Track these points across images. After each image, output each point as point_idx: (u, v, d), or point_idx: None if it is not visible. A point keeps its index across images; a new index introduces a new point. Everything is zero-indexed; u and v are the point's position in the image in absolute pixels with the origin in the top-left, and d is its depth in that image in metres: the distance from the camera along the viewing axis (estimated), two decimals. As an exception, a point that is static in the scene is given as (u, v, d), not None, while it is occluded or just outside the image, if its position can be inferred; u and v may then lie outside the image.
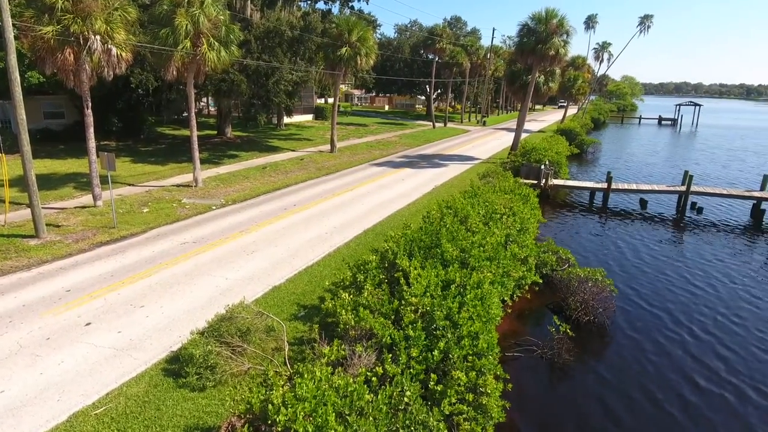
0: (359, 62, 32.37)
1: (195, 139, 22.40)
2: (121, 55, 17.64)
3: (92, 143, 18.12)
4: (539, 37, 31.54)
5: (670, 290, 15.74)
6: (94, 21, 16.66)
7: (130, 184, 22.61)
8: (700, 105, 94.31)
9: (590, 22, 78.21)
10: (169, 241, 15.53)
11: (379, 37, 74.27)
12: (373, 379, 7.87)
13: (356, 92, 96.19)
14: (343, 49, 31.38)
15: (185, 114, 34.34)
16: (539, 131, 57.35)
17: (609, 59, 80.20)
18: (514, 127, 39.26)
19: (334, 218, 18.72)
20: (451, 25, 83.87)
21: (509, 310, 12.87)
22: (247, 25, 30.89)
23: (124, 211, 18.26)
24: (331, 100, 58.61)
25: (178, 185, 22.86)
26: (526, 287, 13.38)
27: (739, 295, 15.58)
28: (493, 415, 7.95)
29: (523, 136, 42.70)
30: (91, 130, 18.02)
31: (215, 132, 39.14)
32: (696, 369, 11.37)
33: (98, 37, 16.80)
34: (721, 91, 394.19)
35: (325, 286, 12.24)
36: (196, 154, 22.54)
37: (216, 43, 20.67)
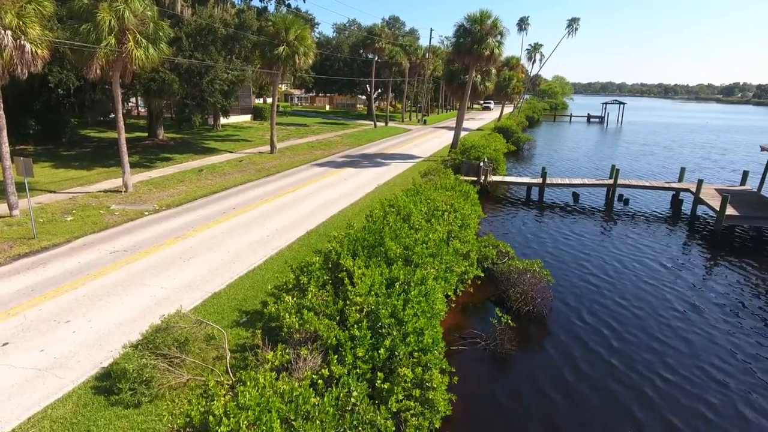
0: (298, 61, 31.91)
1: (123, 141, 21.16)
2: (36, 52, 16.31)
3: (5, 148, 16.65)
4: (475, 38, 32.41)
5: (602, 277, 16.66)
6: (4, 15, 15.31)
7: (51, 191, 21.00)
8: (624, 103, 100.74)
9: (523, 24, 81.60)
10: (97, 250, 14.56)
11: (318, 36, 73.66)
12: (319, 381, 7.75)
13: (296, 92, 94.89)
14: (281, 48, 30.80)
15: (112, 115, 32.43)
16: (478, 129, 59.05)
17: (541, 60, 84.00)
18: (454, 125, 40.15)
19: (276, 220, 18.32)
20: (390, 25, 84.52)
21: (453, 305, 13.15)
22: (178, 22, 29.58)
23: (45, 221, 16.94)
24: (269, 100, 57.46)
25: (106, 191, 21.52)
26: (469, 281, 13.69)
27: (663, 277, 16.74)
28: (439, 408, 8.08)
29: (463, 134, 43.76)
30: (4, 133, 16.55)
31: (146, 134, 37.22)
32: (627, 350, 12.09)
33: (9, 32, 15.45)
34: (642, 90, 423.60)
35: (268, 290, 11.91)
36: (125, 158, 21.30)
37: (144, 41, 19.61)
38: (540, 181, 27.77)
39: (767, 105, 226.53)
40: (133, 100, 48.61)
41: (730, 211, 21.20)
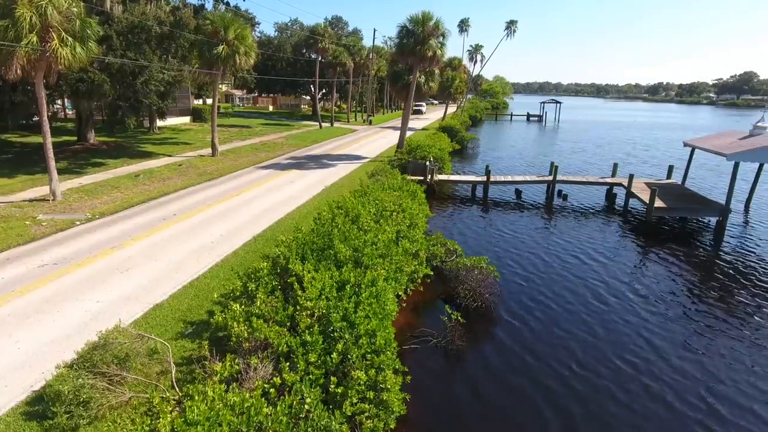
0: (238, 61, 31.02)
1: (50, 146, 19.74)
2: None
3: None
4: (418, 39, 32.83)
5: (545, 269, 17.36)
6: None
7: (-33, 202, 19.30)
8: (560, 102, 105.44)
9: (463, 26, 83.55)
10: (23, 264, 13.51)
11: (259, 35, 72.05)
12: (271, 390, 7.59)
13: (237, 92, 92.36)
14: (220, 48, 29.84)
15: (36, 118, 30.19)
16: (423, 129, 59.87)
17: (482, 60, 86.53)
18: (399, 125, 40.49)
19: (221, 226, 17.75)
20: (333, 25, 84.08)
21: (404, 304, 13.25)
22: (108, 19, 27.98)
23: (-38, 234, 15.53)
24: (210, 101, 55.50)
25: (31, 200, 20.01)
26: (419, 280, 13.86)
27: (602, 267, 17.68)
28: (394, 409, 8.11)
29: (408, 133, 44.25)
30: None
31: (75, 138, 34.93)
32: (571, 338, 12.66)
33: None
34: (577, 90, 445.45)
35: (214, 298, 11.54)
36: (52, 164, 19.88)
37: (70, 39, 18.37)
38: (484, 178, 28.55)
39: (687, 103, 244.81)
40: (59, 101, 45.47)
41: (658, 203, 22.71)
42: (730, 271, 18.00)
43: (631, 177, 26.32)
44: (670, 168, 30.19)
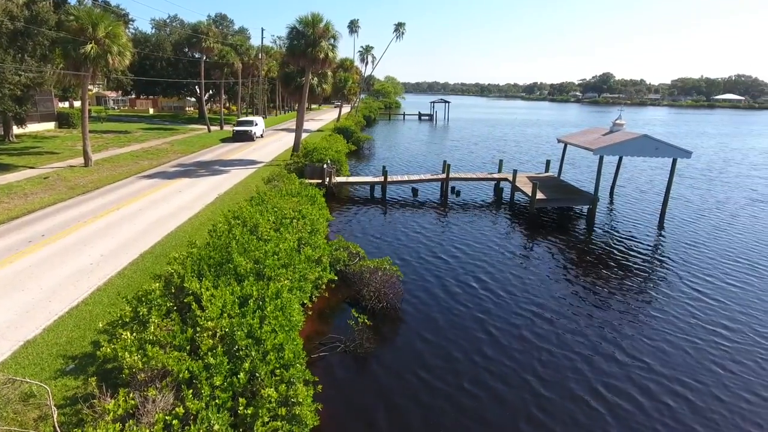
0: (111, 61, 28.33)
1: None
2: None
3: None
4: (308, 41, 32.48)
5: (443, 264, 18.19)
6: None
7: None
8: (449, 102, 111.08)
9: (353, 27, 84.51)
10: None
11: (133, 32, 66.53)
12: (174, 422, 7.08)
13: (111, 95, 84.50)
14: (89, 46, 27.01)
15: None
16: (318, 130, 59.52)
17: (373, 61, 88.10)
18: (294, 127, 39.85)
19: (101, 245, 16.10)
20: (217, 23, 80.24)
21: (310, 312, 13.07)
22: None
23: None
24: (78, 104, 50.02)
25: None
26: (323, 286, 13.75)
27: (494, 258, 18.96)
28: (307, 422, 7.98)
29: (304, 136, 43.72)
30: None
31: None
32: (472, 328, 13.43)
33: None
34: (463, 90, 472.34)
35: (99, 327, 10.43)
36: None
37: None
38: (382, 179, 29.15)
39: (557, 101, 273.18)
40: None
41: (539, 195, 24.92)
42: (600, 251, 20.42)
43: (515, 172, 28.54)
44: (547, 162, 33.30)
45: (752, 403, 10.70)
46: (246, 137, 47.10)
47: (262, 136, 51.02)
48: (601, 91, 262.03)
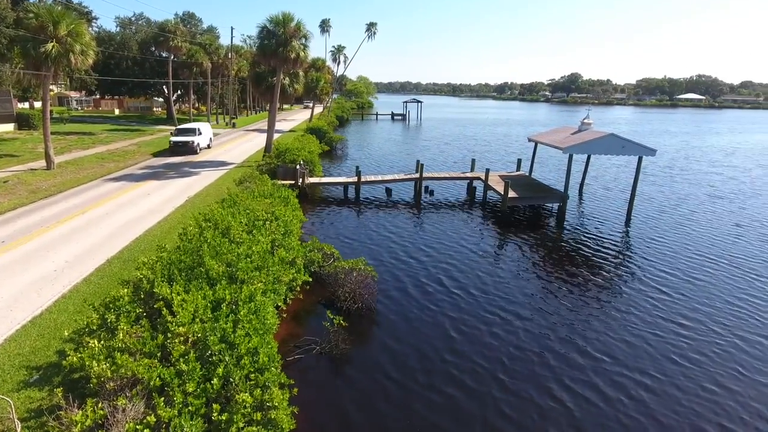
0: (74, 61, 27.39)
1: None
2: None
3: None
4: (280, 41, 32.16)
5: (417, 264, 18.28)
6: None
7: None
8: (421, 102, 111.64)
9: (325, 26, 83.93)
10: None
11: (97, 30, 64.57)
12: (145, 431, 6.91)
13: (74, 95, 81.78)
14: (49, 45, 26.06)
15: None
16: (290, 131, 58.95)
17: (345, 61, 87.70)
18: (265, 127, 39.37)
19: (66, 250, 15.56)
20: (185, 22, 78.51)
21: (285, 315, 12.99)
22: None
23: None
24: (39, 105, 48.12)
25: None
26: (298, 288, 13.67)
27: (467, 256, 19.17)
28: (284, 426, 7.90)
29: (276, 136, 43.27)
30: None
31: None
32: (446, 326, 13.55)
33: None
34: (435, 89, 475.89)
35: (65, 336, 10.11)
36: None
37: None
38: (355, 179, 29.10)
39: (528, 101, 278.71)
40: None
41: (511, 194, 25.32)
42: (570, 248, 20.92)
43: (487, 171, 28.92)
44: (519, 161, 33.89)
45: (710, 391, 11.15)
46: (186, 150, 37.39)
47: (209, 146, 41.30)
48: (569, 90, 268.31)
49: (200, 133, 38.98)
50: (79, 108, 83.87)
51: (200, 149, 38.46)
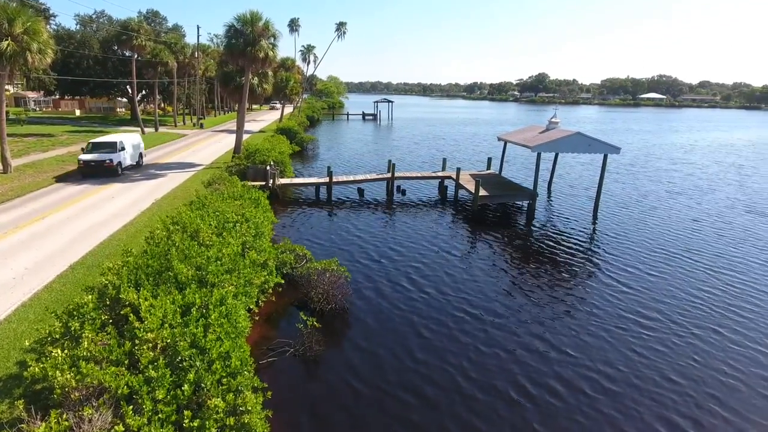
0: (31, 60, 26.39)
1: None
2: None
3: None
4: (248, 40, 31.72)
5: (389, 263, 18.37)
6: None
7: None
8: (392, 102, 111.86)
9: (294, 26, 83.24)
10: None
11: (55, 28, 62.25)
12: (113, 441, 6.72)
13: (32, 95, 78.59)
14: (4, 43, 25.02)
15: None
16: (260, 131, 58.21)
17: (315, 61, 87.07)
18: (234, 128, 38.78)
19: (25, 257, 14.97)
20: (149, 20, 76.43)
21: (257, 317, 12.84)
22: None
23: None
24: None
25: None
26: (270, 290, 13.53)
27: (439, 254, 19.37)
28: (257, 430, 7.82)
29: (245, 137, 42.66)
30: None
31: None
32: (419, 325, 13.66)
33: None
34: (406, 89, 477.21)
35: (25, 346, 9.75)
36: None
37: None
38: (327, 180, 28.97)
39: (497, 100, 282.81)
40: None
41: (482, 192, 25.69)
42: (538, 246, 21.39)
43: (458, 170, 29.26)
44: (489, 160, 34.39)
45: (669, 380, 11.61)
46: (102, 171, 27.69)
47: (138, 164, 32.10)
48: (537, 90, 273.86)
49: (123, 149, 29.48)
50: (38, 109, 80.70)
51: (123, 170, 29.12)
